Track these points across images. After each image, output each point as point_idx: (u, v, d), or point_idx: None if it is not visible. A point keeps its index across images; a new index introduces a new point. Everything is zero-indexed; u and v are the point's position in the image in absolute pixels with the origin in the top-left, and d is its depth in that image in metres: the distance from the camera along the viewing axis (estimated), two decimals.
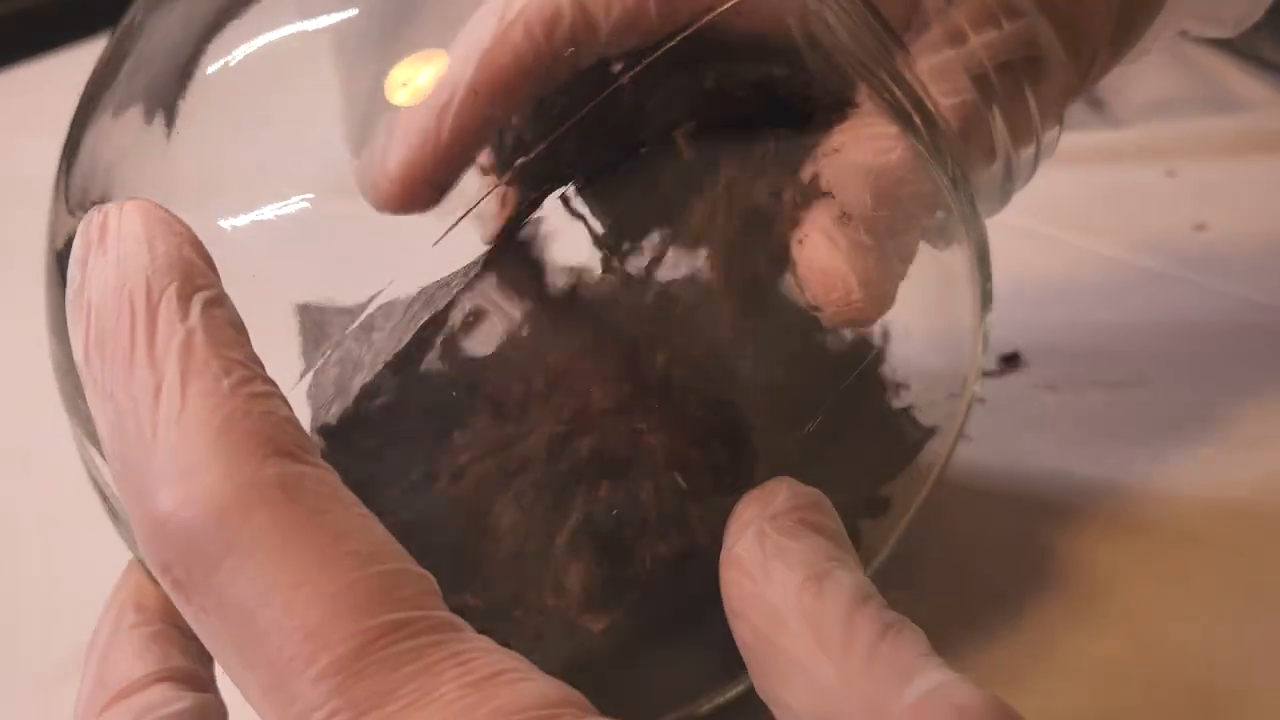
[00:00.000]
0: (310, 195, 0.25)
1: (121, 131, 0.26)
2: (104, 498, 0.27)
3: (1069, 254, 0.50)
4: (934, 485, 0.32)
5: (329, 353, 0.30)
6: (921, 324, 0.31)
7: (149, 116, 0.26)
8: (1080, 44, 0.28)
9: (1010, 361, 0.44)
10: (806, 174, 0.26)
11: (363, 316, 0.26)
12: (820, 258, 0.26)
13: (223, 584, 0.19)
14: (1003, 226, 0.32)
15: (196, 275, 0.21)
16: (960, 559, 0.36)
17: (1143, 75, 0.60)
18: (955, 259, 0.29)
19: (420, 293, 0.27)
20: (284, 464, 0.19)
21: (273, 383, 0.20)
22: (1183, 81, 0.60)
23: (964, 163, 0.28)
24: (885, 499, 0.31)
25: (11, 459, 0.45)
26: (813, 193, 0.26)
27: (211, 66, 0.26)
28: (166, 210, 0.22)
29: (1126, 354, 0.44)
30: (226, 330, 0.20)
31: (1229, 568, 0.35)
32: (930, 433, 0.31)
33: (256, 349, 0.21)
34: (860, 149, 0.26)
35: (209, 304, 0.20)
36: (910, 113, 0.26)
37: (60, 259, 0.26)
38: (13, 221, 0.43)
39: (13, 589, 0.39)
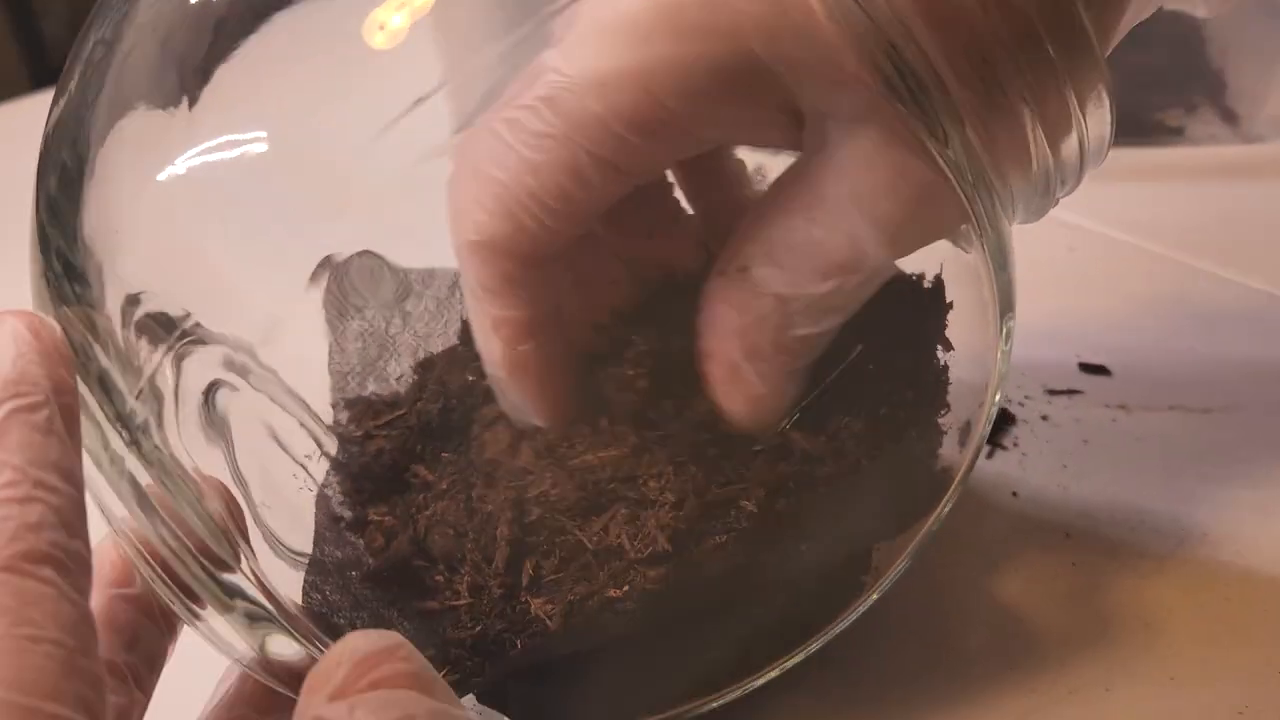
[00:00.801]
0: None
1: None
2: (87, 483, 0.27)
3: (1174, 270, 0.47)
4: (952, 498, 0.29)
5: (352, 319, 0.30)
6: (951, 333, 0.29)
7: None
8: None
9: (1094, 371, 0.41)
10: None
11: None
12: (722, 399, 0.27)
13: None
14: (1105, 239, 0.30)
15: (20, 384, 0.22)
16: (993, 588, 0.34)
17: None
18: (978, 263, 0.27)
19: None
20: None
21: (52, 487, 0.21)
22: None
23: (985, 151, 0.25)
24: (899, 518, 0.29)
25: None
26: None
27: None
28: (39, 319, 0.23)
29: (1218, 379, 0.41)
30: (19, 434, 0.21)
31: None
32: (948, 460, 0.29)
33: None
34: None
35: (15, 411, 0.22)
36: (907, 85, 0.24)
37: (38, 212, 0.26)
38: None
39: None
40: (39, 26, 1.57)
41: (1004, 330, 0.28)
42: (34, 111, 0.27)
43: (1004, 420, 0.40)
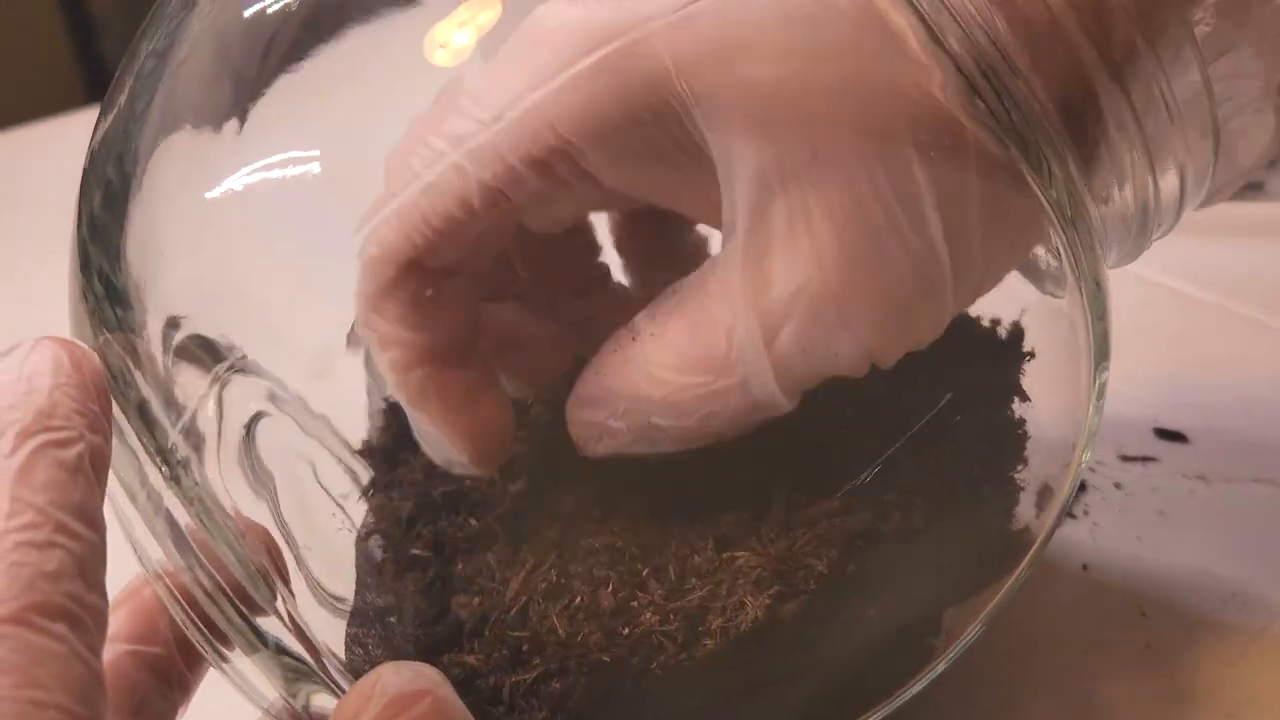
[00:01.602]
0: None
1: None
2: (120, 519, 0.25)
3: (1253, 331, 0.45)
4: (1033, 563, 0.27)
5: None
6: (1035, 385, 0.27)
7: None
8: None
9: (1171, 438, 0.39)
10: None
11: None
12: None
13: None
14: (1181, 296, 0.28)
15: (53, 417, 0.21)
16: (1061, 668, 0.32)
17: None
18: (1072, 308, 0.25)
19: None
20: None
21: (74, 533, 0.20)
22: None
23: (1078, 182, 0.24)
24: (971, 580, 0.27)
25: None
26: None
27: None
28: (81, 350, 0.22)
29: None
30: (47, 473, 0.20)
31: None
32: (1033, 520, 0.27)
33: None
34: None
35: (45, 445, 0.21)
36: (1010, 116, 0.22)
37: (79, 231, 0.25)
38: None
39: None
40: (99, 47, 1.59)
41: (1097, 383, 0.26)
42: (90, 126, 0.26)
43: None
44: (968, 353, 0.27)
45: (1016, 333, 0.28)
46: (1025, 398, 0.28)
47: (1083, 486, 0.38)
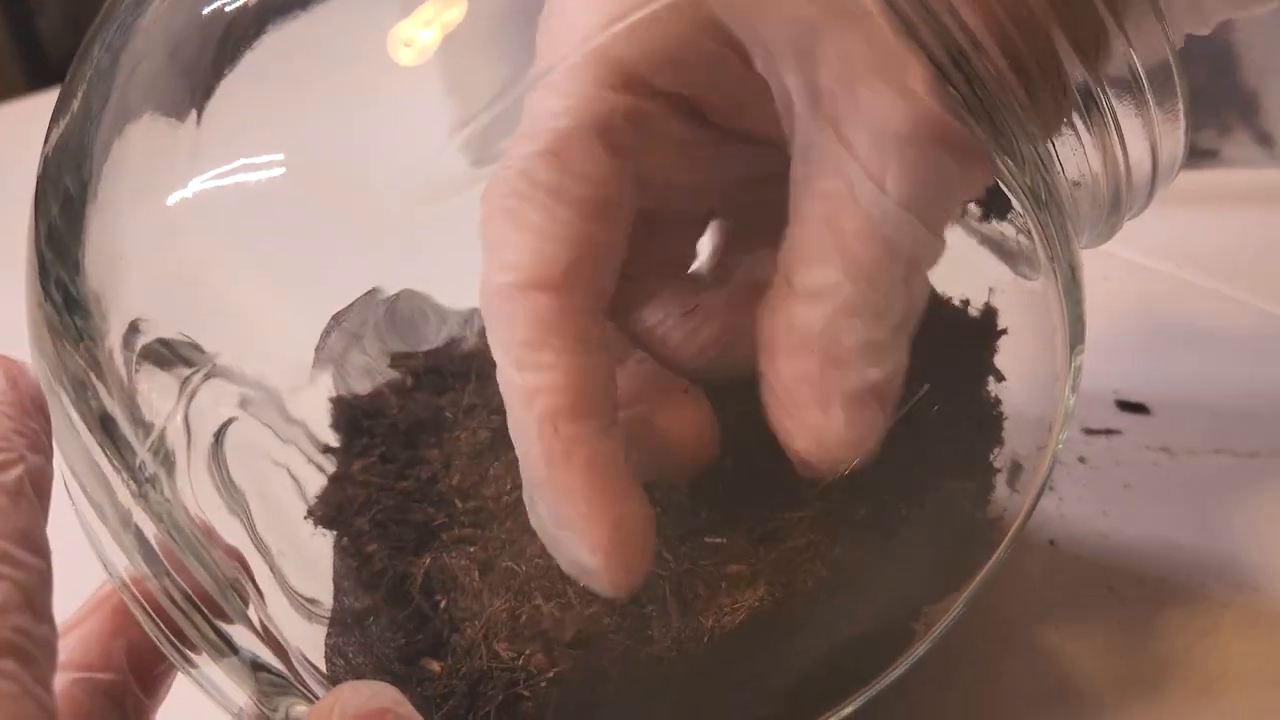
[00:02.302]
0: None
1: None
2: (86, 530, 0.25)
3: (1212, 303, 0.45)
4: (1008, 548, 0.27)
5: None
6: (1009, 365, 0.27)
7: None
8: None
9: (1133, 410, 0.40)
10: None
11: None
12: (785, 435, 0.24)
13: None
14: (1138, 268, 0.28)
15: None
16: (1032, 644, 0.32)
17: None
18: (1046, 289, 0.25)
19: None
20: None
21: (19, 562, 0.19)
22: None
23: (1048, 164, 0.23)
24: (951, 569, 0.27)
25: None
26: None
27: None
28: (17, 367, 0.22)
29: (1263, 420, 0.39)
30: None
31: None
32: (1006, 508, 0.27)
33: None
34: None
35: None
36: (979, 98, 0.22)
37: (36, 239, 0.25)
38: None
39: None
40: (36, 23, 1.55)
41: (1073, 364, 0.26)
42: (30, 114, 0.25)
43: None
44: (944, 333, 0.27)
45: (989, 312, 0.28)
46: (1001, 377, 0.27)
47: None
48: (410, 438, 0.28)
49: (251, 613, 0.24)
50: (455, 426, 0.28)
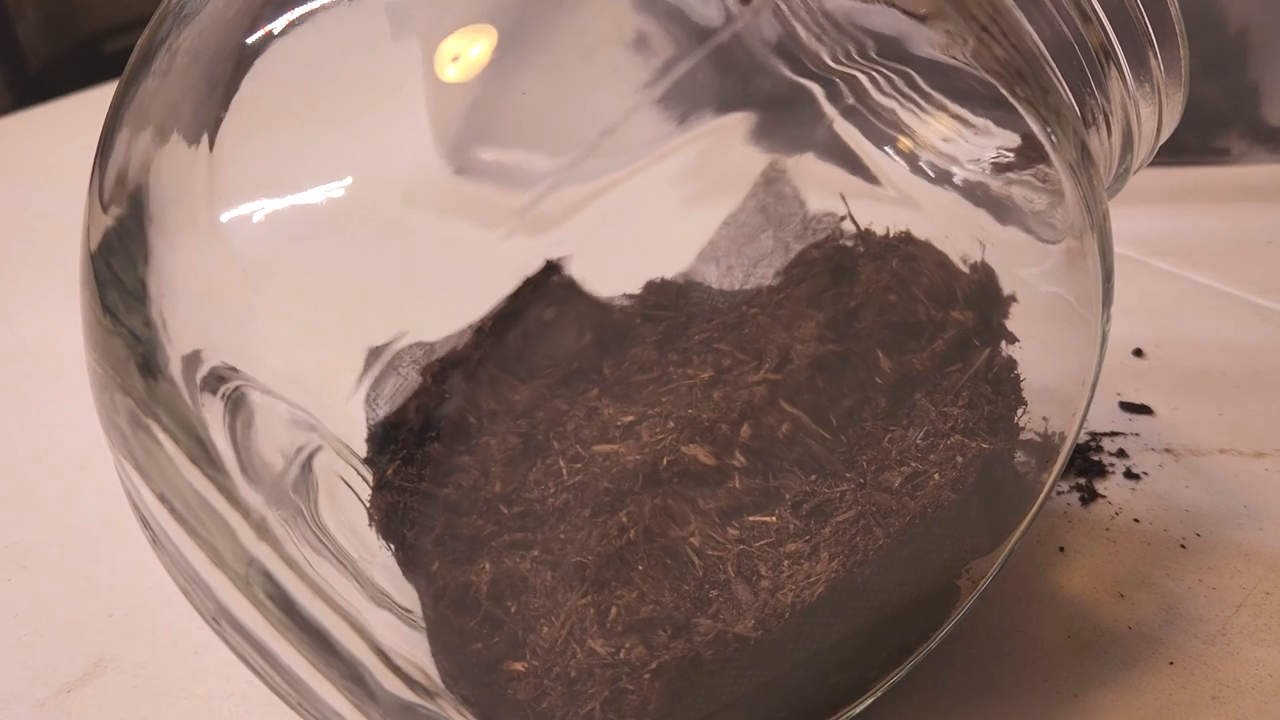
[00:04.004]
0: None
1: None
2: (142, 520, 0.24)
3: (1214, 301, 0.45)
4: (1044, 503, 0.28)
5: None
6: (1034, 332, 0.27)
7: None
8: None
9: (1137, 410, 0.39)
10: None
11: None
12: None
13: None
14: (1140, 265, 0.28)
15: None
16: (1047, 652, 0.32)
17: None
18: (1086, 247, 0.24)
19: None
20: None
21: None
22: None
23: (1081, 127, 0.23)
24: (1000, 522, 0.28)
25: (54, 466, 0.43)
26: None
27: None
28: None
29: (1270, 419, 0.39)
30: None
31: None
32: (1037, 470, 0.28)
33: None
34: None
35: None
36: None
37: (94, 259, 0.24)
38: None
39: (37, 597, 0.37)
40: (15, 30, 1.54)
41: (1102, 330, 0.26)
42: (13, 134, 0.25)
43: None
44: (960, 298, 0.27)
45: (988, 273, 0.28)
46: (1013, 339, 0.28)
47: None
48: (447, 444, 0.28)
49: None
50: (482, 433, 0.28)
